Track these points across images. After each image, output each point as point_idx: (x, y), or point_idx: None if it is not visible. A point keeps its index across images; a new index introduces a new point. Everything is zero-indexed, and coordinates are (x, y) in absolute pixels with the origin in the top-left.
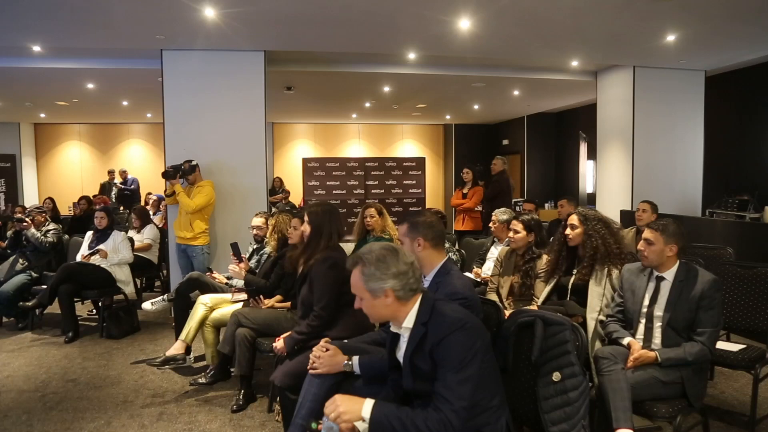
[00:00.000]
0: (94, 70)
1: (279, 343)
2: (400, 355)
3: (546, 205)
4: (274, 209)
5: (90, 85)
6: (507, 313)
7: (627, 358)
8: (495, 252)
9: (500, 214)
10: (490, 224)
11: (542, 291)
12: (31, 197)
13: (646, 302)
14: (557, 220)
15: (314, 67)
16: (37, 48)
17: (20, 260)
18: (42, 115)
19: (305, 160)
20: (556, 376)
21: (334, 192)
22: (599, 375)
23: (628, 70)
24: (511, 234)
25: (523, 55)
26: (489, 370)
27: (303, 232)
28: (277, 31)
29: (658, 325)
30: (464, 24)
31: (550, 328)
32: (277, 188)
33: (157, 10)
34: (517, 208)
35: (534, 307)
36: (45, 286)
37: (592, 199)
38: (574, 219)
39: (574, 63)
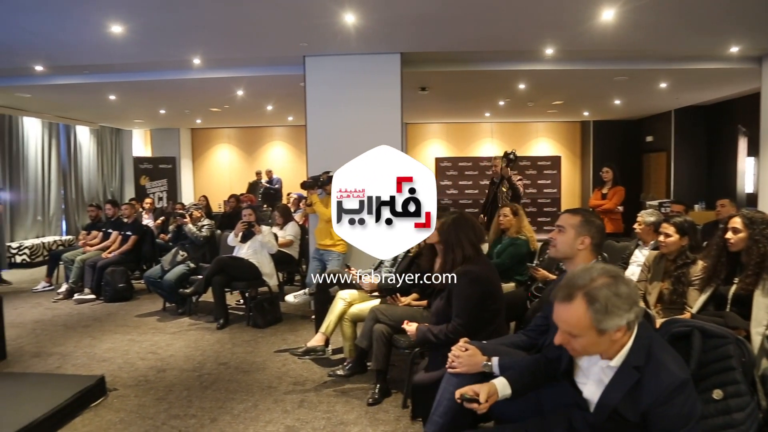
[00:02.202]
0: (243, 78)
1: (411, 327)
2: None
3: (696, 206)
4: None
5: (239, 92)
6: (657, 322)
7: None
8: (639, 256)
9: (647, 216)
10: (635, 226)
11: (696, 299)
12: (187, 195)
13: None
14: (713, 223)
15: (449, 66)
16: (197, 60)
17: (180, 252)
18: (198, 121)
19: (438, 160)
20: (717, 394)
21: (466, 191)
22: None
23: None
24: (661, 238)
25: (673, 44)
26: None
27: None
28: (413, 33)
29: None
30: (607, 15)
31: (709, 341)
32: None
33: (302, 18)
34: (663, 210)
35: (687, 316)
36: (200, 276)
37: (752, 199)
38: (737, 222)
39: (734, 49)
